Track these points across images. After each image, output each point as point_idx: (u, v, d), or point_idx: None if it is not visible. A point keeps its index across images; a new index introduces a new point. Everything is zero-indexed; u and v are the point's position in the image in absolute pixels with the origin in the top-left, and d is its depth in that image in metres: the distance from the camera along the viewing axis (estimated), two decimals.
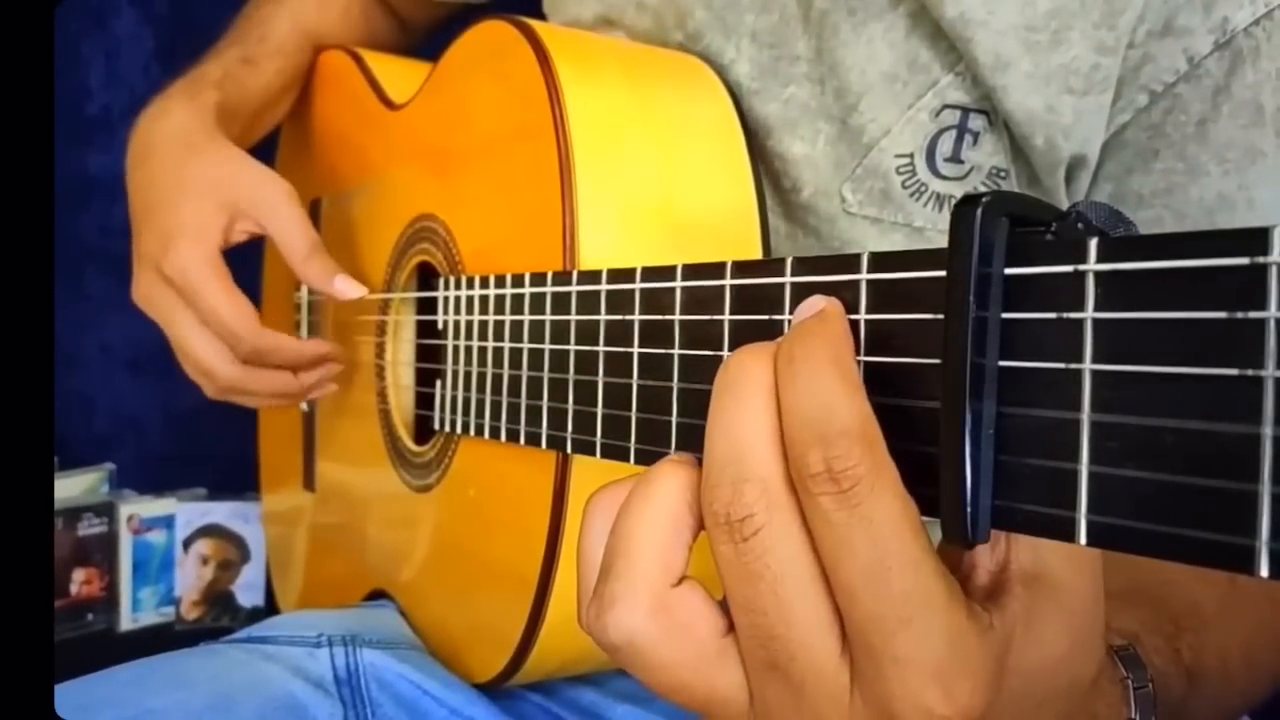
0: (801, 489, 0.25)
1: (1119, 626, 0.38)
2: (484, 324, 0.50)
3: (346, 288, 0.63)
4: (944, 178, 0.51)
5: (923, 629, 0.24)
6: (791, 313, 0.30)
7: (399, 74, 0.70)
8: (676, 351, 0.35)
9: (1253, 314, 0.20)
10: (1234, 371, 0.20)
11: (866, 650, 0.25)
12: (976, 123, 0.50)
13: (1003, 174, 0.51)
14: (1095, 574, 0.28)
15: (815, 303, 0.28)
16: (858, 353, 0.28)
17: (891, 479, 0.25)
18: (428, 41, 0.84)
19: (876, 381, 0.28)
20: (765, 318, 0.31)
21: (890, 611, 0.24)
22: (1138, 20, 0.47)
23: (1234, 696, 0.45)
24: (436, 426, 0.57)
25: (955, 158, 0.50)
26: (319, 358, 0.66)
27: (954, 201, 0.28)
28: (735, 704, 0.28)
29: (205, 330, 0.61)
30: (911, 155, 0.51)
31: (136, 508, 0.99)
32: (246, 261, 0.65)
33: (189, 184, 0.63)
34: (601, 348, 0.39)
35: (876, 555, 0.24)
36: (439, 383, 0.56)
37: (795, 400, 0.26)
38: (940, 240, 0.40)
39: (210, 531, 1.01)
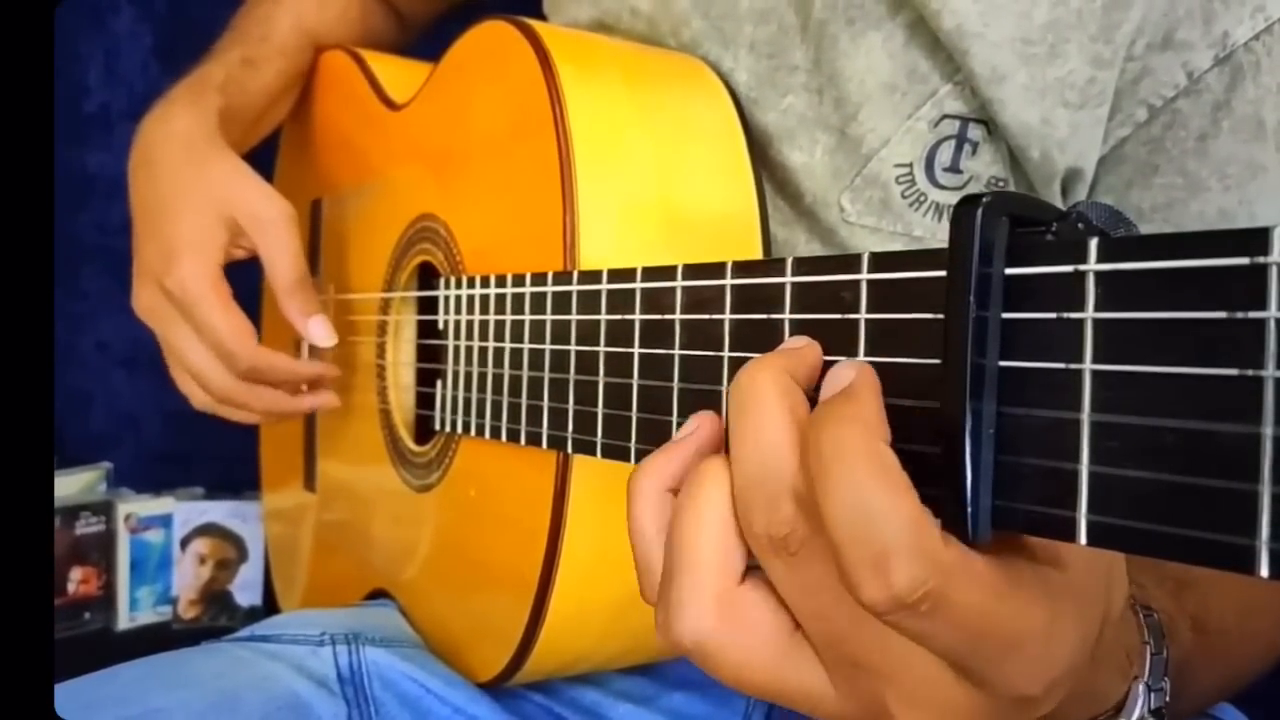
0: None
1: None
2: (485, 324, 0.50)
3: (320, 331, 0.63)
4: (943, 187, 0.51)
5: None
6: (792, 313, 0.31)
7: (400, 74, 0.70)
8: (677, 352, 0.35)
9: (1253, 314, 0.20)
10: (1234, 371, 0.20)
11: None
12: (975, 133, 0.50)
13: (1001, 184, 0.51)
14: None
15: (844, 374, 0.27)
16: (856, 353, 0.28)
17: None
18: (428, 41, 0.83)
19: None
20: (765, 317, 0.31)
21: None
22: (1135, 33, 0.46)
23: (1235, 660, 0.45)
24: (437, 426, 0.57)
25: (954, 167, 0.50)
26: (314, 377, 0.66)
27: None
28: (819, 697, 0.28)
29: (203, 346, 0.61)
30: (910, 165, 0.51)
31: (134, 506, 0.99)
32: (248, 261, 0.65)
33: (191, 195, 0.62)
34: (602, 348, 0.39)
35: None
36: (439, 383, 0.56)
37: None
38: None
39: (208, 530, 1.01)
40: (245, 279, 0.65)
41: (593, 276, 0.40)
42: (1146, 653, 0.35)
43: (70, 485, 1.00)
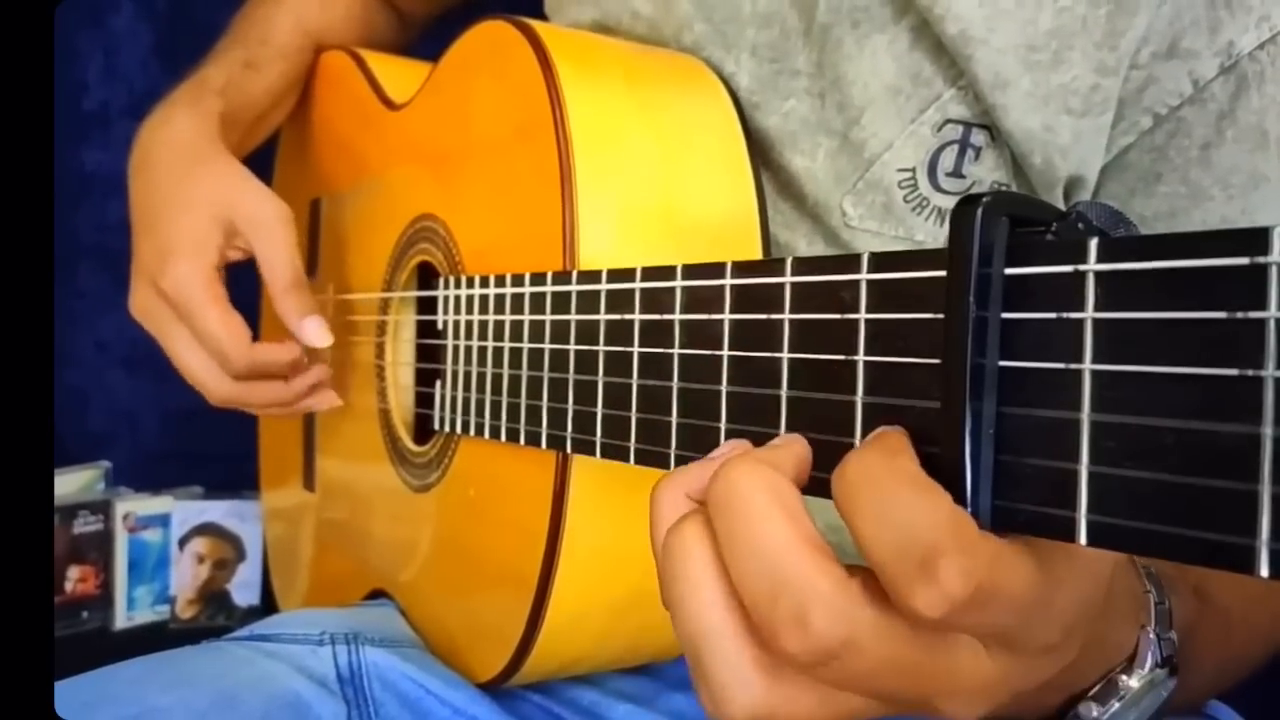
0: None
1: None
2: (484, 324, 0.50)
3: (315, 333, 0.62)
4: (945, 192, 0.51)
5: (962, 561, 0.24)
6: (792, 313, 0.31)
7: (399, 74, 0.70)
8: (676, 351, 0.35)
9: (1253, 314, 0.20)
10: (1234, 371, 0.20)
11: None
12: (979, 138, 0.50)
13: (1004, 189, 0.51)
14: None
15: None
16: (856, 353, 0.29)
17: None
18: (428, 42, 0.83)
19: (877, 381, 0.28)
20: (765, 317, 0.31)
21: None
22: (1141, 42, 0.46)
23: (1235, 645, 0.45)
24: (436, 426, 0.57)
25: (957, 172, 0.50)
26: (312, 360, 0.66)
27: None
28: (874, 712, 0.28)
29: (199, 348, 0.61)
30: (913, 169, 0.50)
31: (132, 505, 0.99)
32: (248, 263, 0.65)
33: (189, 198, 0.62)
34: (601, 347, 0.39)
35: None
36: (439, 382, 0.56)
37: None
38: None
39: (206, 530, 1.01)
40: (246, 281, 0.65)
41: (592, 276, 0.40)
42: (1150, 601, 0.36)
43: (68, 484, 1.00)
